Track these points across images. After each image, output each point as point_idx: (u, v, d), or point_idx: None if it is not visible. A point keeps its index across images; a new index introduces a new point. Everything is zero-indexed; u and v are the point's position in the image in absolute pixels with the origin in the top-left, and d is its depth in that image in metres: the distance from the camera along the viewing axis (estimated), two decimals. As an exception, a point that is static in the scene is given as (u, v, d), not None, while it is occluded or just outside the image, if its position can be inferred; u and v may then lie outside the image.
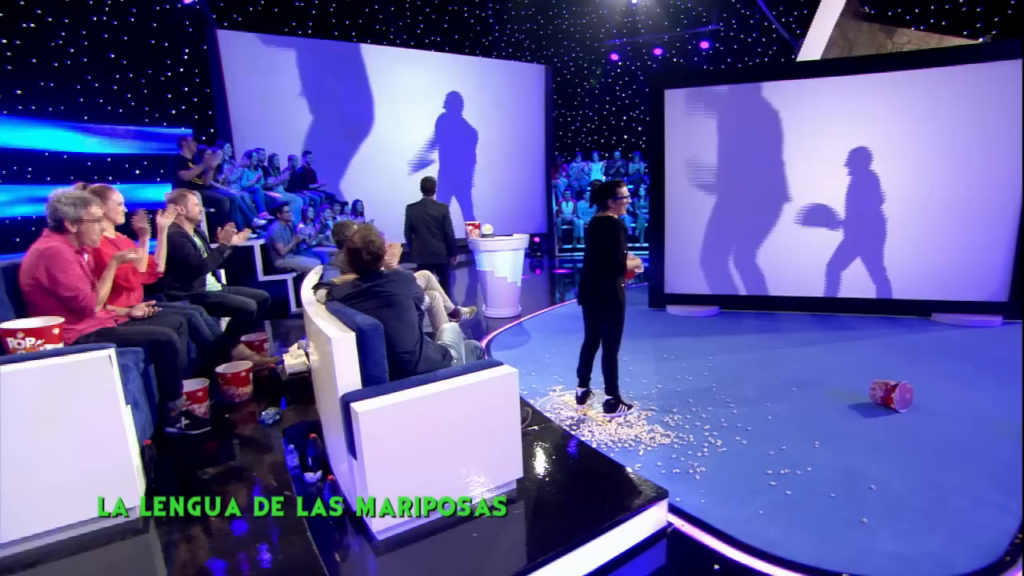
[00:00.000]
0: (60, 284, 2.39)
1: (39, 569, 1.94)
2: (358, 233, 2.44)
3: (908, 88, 5.34)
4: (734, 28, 12.74)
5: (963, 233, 5.34)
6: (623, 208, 3.45)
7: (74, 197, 2.48)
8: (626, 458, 3.07)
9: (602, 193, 3.42)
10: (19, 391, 1.86)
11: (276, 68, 10.03)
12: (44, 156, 8.31)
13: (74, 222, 2.49)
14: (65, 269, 2.38)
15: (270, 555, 1.98)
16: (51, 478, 1.94)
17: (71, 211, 2.47)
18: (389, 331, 2.37)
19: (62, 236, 2.49)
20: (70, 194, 2.49)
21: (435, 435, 2.25)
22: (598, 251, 3.39)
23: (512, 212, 13.37)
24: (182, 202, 3.56)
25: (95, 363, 1.92)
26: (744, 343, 5.10)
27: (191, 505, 2.15)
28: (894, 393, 3.54)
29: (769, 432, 3.34)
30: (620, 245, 3.32)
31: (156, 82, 9.50)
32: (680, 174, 6.17)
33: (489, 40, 13.26)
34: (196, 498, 2.19)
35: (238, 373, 3.14)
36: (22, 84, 8.18)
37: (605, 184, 3.45)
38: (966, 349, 4.73)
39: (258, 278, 6.09)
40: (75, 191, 2.52)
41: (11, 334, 2.14)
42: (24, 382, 1.86)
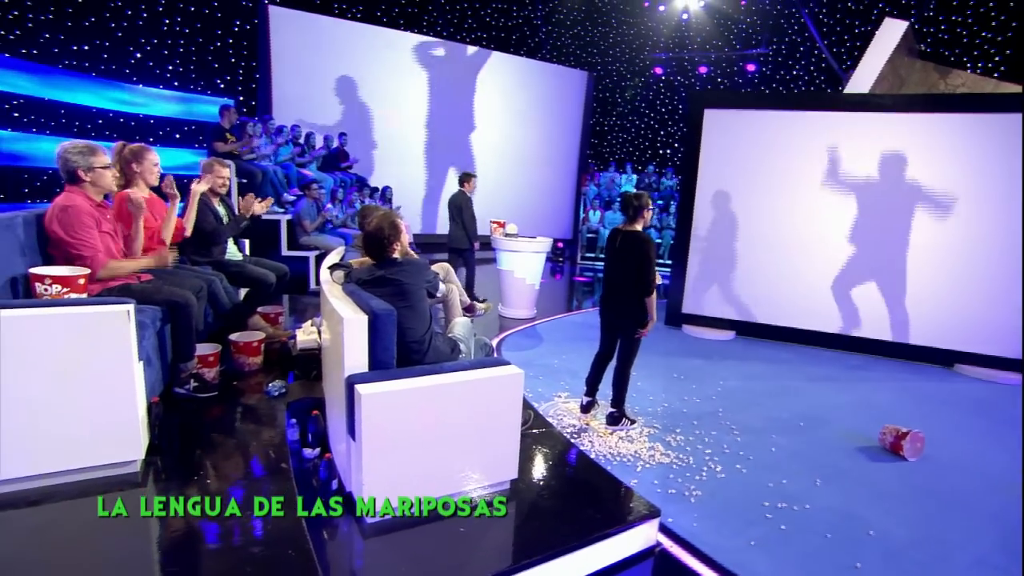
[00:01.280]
0: (72, 242, 2.45)
1: (41, 508, 2.00)
2: (375, 219, 2.47)
3: (950, 132, 5.21)
4: (783, 54, 12.57)
5: (993, 285, 5.19)
6: (648, 220, 3.46)
7: (81, 147, 2.54)
8: (623, 473, 3.05)
9: (636, 203, 3.40)
10: (39, 335, 1.93)
11: (322, 48, 10.18)
12: (91, 112, 8.55)
13: (87, 171, 2.54)
14: (77, 229, 2.45)
15: (260, 524, 2.01)
16: (60, 422, 2.00)
17: (81, 160, 2.52)
18: (400, 319, 2.39)
19: (80, 188, 2.55)
20: (76, 144, 2.54)
21: (435, 426, 2.26)
22: (629, 266, 3.37)
23: (539, 214, 13.39)
24: (212, 170, 3.64)
25: (114, 317, 1.98)
26: (756, 371, 5.03)
27: (187, 468, 2.19)
28: (905, 440, 3.45)
29: (771, 464, 3.29)
30: (653, 264, 3.32)
31: (206, 51, 9.72)
32: (710, 195, 6.10)
33: (535, 41, 13.28)
34: (194, 458, 2.24)
35: (250, 343, 3.20)
36: (79, 41, 8.44)
37: (639, 195, 3.44)
38: (987, 404, 4.59)
39: (282, 252, 6.19)
40: (81, 141, 2.57)
41: (40, 279, 2.21)
42: (45, 327, 1.93)
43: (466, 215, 6.20)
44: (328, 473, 2.40)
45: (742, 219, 6.00)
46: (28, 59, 7.84)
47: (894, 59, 8.79)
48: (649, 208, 3.43)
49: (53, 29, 8.13)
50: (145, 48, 9.16)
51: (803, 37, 12.26)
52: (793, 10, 12.28)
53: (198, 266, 3.46)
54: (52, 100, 8.10)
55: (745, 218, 5.99)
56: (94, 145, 2.56)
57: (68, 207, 2.46)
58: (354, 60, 10.56)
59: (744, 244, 6.02)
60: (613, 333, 3.62)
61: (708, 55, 13.23)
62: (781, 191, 5.83)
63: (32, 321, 1.90)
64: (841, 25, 11.91)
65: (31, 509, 1.97)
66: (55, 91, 8.14)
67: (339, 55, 10.40)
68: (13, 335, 1.88)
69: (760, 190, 5.90)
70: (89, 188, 2.56)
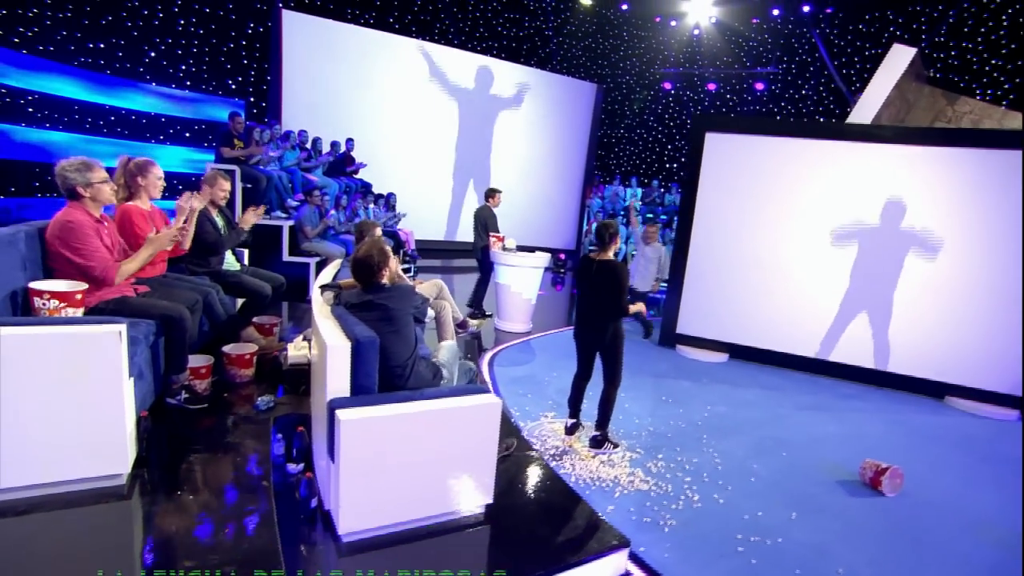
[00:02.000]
0: (78, 256, 2.54)
1: (30, 517, 2.08)
2: (365, 246, 2.54)
3: (948, 165, 5.24)
4: (792, 73, 12.60)
5: (986, 319, 5.21)
6: (619, 246, 3.64)
7: (77, 163, 2.62)
8: (601, 498, 3.11)
9: (608, 232, 3.55)
10: (33, 353, 2.01)
11: (333, 54, 10.30)
12: (103, 109, 8.70)
13: (85, 187, 2.63)
14: (83, 241, 2.53)
15: (234, 540, 2.08)
16: (50, 436, 2.08)
17: (79, 176, 2.61)
18: (384, 344, 2.46)
19: (80, 204, 2.64)
20: (73, 162, 2.63)
21: (412, 451, 2.33)
22: (603, 292, 3.47)
23: (543, 224, 13.46)
24: (214, 182, 3.73)
25: (106, 337, 2.06)
26: (746, 397, 5.07)
27: (172, 482, 2.27)
28: (884, 476, 3.49)
29: (749, 494, 3.33)
30: (626, 291, 3.45)
31: (219, 52, 9.87)
32: (708, 217, 6.15)
33: (545, 52, 13.36)
34: (179, 472, 2.31)
35: (243, 355, 3.28)
36: (95, 40, 8.59)
37: (610, 224, 3.60)
38: (973, 440, 4.61)
39: (283, 257, 6.28)
40: (77, 158, 2.65)
41: (38, 294, 2.30)
42: (39, 345, 2.01)
43: (489, 228, 6.52)
44: (308, 492, 2.46)
45: (739, 242, 6.04)
46: (45, 56, 7.99)
47: (902, 84, 8.81)
48: (619, 236, 3.63)
49: (70, 27, 8.29)
50: (160, 48, 9.32)
51: (813, 57, 12.29)
52: (804, 30, 12.32)
53: (196, 276, 3.55)
54: (66, 97, 8.25)
55: (742, 242, 6.03)
56: (90, 161, 2.65)
57: (68, 222, 2.55)
58: (364, 66, 10.68)
59: (740, 267, 6.06)
60: (590, 354, 3.71)
61: (717, 72, 13.28)
62: (779, 217, 5.87)
63: (26, 340, 1.98)
64: (852, 47, 11.94)
65: (19, 518, 2.05)
66: (70, 88, 8.30)
67: (349, 60, 10.52)
68: (7, 352, 1.96)
69: (758, 215, 5.94)
70: (89, 203, 2.65)
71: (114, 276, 2.61)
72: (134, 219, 3.04)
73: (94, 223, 2.65)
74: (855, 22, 11.94)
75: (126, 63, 8.96)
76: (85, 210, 2.64)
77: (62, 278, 2.57)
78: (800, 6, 11.97)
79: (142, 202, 3.18)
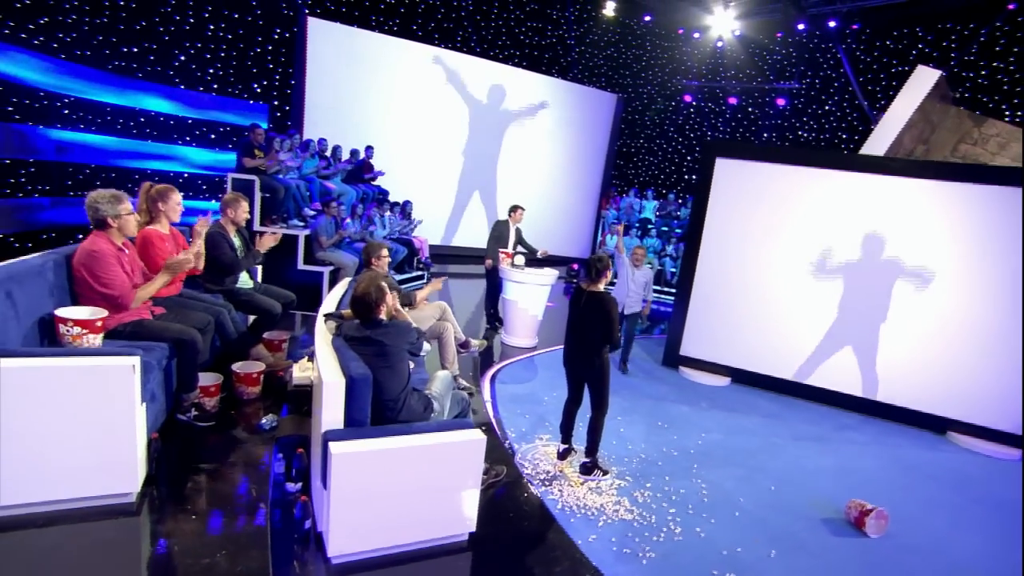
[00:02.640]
0: (99, 283, 2.75)
1: (49, 529, 2.28)
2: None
3: (959, 200, 5.20)
4: (816, 88, 12.47)
5: (990, 355, 5.17)
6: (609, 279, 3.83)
7: (108, 196, 2.85)
8: (584, 527, 3.21)
9: (599, 266, 3.66)
10: (53, 382, 2.20)
11: (355, 61, 10.51)
12: (133, 111, 9.03)
13: (114, 218, 2.85)
14: (106, 270, 2.74)
15: (230, 559, 2.24)
16: (67, 456, 2.28)
17: (110, 208, 2.83)
18: (378, 378, 2.61)
19: (105, 233, 2.85)
20: (103, 194, 2.85)
21: (400, 482, 2.48)
22: (592, 323, 3.58)
23: (558, 233, 13.53)
24: (234, 206, 3.92)
25: (121, 370, 2.24)
26: (743, 424, 5.11)
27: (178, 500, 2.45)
28: (868, 516, 3.53)
29: (730, 528, 3.41)
30: (616, 322, 3.56)
31: (246, 57, 10.14)
32: (715, 240, 6.20)
33: (566, 61, 13.42)
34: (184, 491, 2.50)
35: (251, 374, 3.46)
36: (128, 44, 8.91)
37: (601, 258, 3.73)
38: (968, 479, 4.60)
39: (298, 265, 6.48)
40: (108, 191, 2.87)
41: (63, 321, 2.49)
42: (59, 376, 2.20)
43: (501, 243, 6.79)
44: (303, 513, 2.63)
45: (745, 267, 6.08)
46: (80, 61, 8.32)
47: (925, 106, 8.68)
48: (610, 269, 3.75)
49: (105, 33, 8.61)
50: (189, 52, 9.62)
51: (837, 73, 12.15)
52: (828, 44, 12.19)
53: (210, 294, 3.74)
54: (98, 100, 8.59)
55: (748, 267, 6.07)
56: (120, 194, 2.85)
57: (94, 251, 2.75)
58: (385, 73, 10.87)
59: (746, 292, 6.09)
60: (579, 382, 3.82)
61: (739, 85, 13.20)
62: (785, 244, 5.90)
63: (49, 371, 2.18)
64: (878, 63, 11.78)
65: (40, 530, 2.25)
66: (102, 92, 8.63)
67: (371, 68, 10.72)
68: (31, 381, 2.16)
69: (765, 241, 5.97)
70: (114, 233, 2.86)
71: (130, 302, 2.81)
72: (154, 242, 3.24)
73: (116, 251, 2.85)
74: (882, 38, 11.78)
75: (156, 67, 9.28)
76: (109, 239, 2.84)
77: (85, 301, 2.77)
78: (826, 21, 11.84)
79: (162, 226, 3.38)
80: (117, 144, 8.82)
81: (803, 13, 11.58)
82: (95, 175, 8.51)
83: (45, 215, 7.86)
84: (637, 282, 5.98)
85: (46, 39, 7.89)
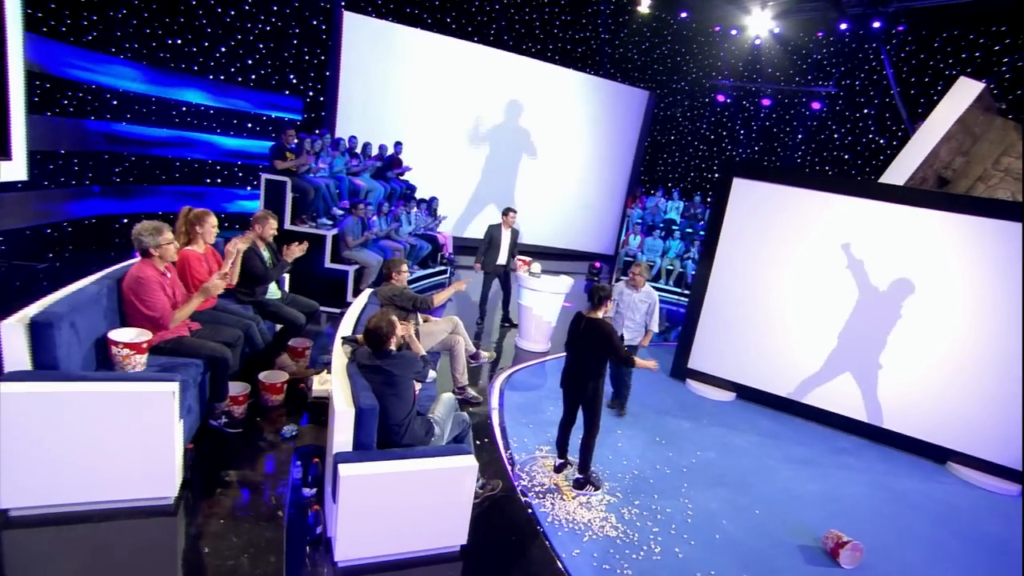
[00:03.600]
0: (144, 306, 3.14)
1: (101, 524, 2.70)
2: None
3: (979, 234, 5.19)
4: (856, 90, 12.15)
5: (996, 387, 5.20)
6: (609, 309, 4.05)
7: (150, 228, 3.23)
8: (570, 541, 3.49)
9: (601, 294, 3.88)
10: (107, 402, 2.58)
11: (388, 55, 10.73)
12: (171, 102, 9.49)
13: (155, 248, 3.23)
14: (150, 294, 3.13)
15: (252, 559, 2.62)
16: (116, 464, 2.68)
17: (151, 240, 3.23)
18: (385, 404, 2.92)
19: (150, 261, 3.25)
20: (145, 226, 3.24)
21: (400, 500, 2.80)
22: (591, 349, 3.82)
23: (583, 228, 13.69)
24: (263, 222, 4.27)
25: (163, 395, 2.61)
26: (739, 443, 5.28)
27: (209, 502, 2.84)
28: (844, 549, 3.72)
29: (708, 551, 3.63)
30: (618, 345, 3.81)
31: (283, 49, 10.46)
32: (729, 257, 6.30)
33: (599, 57, 13.36)
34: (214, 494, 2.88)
35: (275, 383, 3.84)
36: (173, 37, 9.33)
37: (604, 287, 3.93)
38: (954, 512, 4.68)
39: (325, 264, 6.84)
40: (150, 223, 3.25)
41: (115, 344, 2.87)
42: (111, 399, 2.59)
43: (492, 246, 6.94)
44: (315, 520, 2.98)
45: (755, 286, 6.18)
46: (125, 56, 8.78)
47: (966, 117, 8.46)
48: (611, 299, 3.97)
49: (148, 27, 9.03)
50: (229, 43, 9.99)
51: (875, 78, 11.82)
52: (870, 44, 11.81)
53: (241, 304, 4.11)
54: (140, 92, 9.07)
55: (758, 285, 6.16)
56: (160, 226, 3.23)
57: (140, 278, 3.13)
58: (416, 68, 11.07)
59: (755, 309, 6.20)
60: (575, 404, 4.07)
61: (774, 86, 12.95)
62: (796, 265, 5.97)
63: (103, 395, 2.56)
64: (923, 67, 11.39)
65: (95, 524, 2.66)
66: (144, 84, 9.10)
67: (402, 62, 10.93)
68: (89, 402, 2.54)
69: (775, 261, 6.05)
70: (157, 260, 3.24)
71: (170, 322, 3.19)
72: (192, 263, 3.61)
73: (159, 277, 3.22)
74: (928, 42, 11.38)
75: (199, 58, 9.68)
76: (153, 266, 3.21)
77: (132, 321, 3.16)
78: (871, 21, 11.48)
79: (199, 246, 3.74)
80: (158, 134, 9.33)
81: (843, 14, 11.26)
82: (137, 164, 9.08)
83: (93, 203, 8.43)
84: (635, 307, 5.17)
85: (104, 39, 8.36)
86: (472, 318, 7.43)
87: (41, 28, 7.30)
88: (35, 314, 2.59)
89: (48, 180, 7.37)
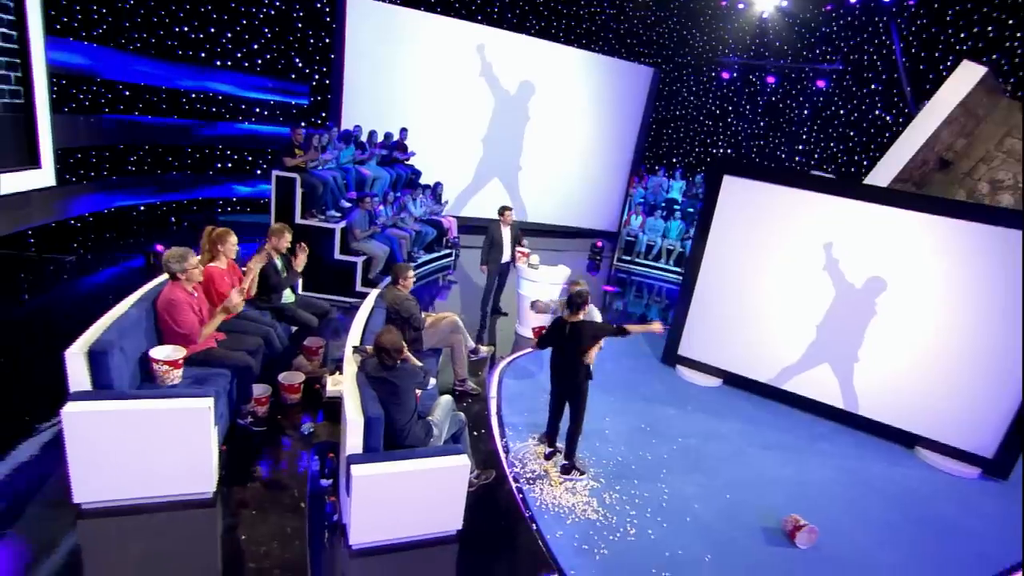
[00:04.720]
0: (175, 324, 3.59)
1: (155, 515, 3.21)
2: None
3: (959, 236, 5.41)
4: (864, 65, 12.05)
5: (964, 378, 5.53)
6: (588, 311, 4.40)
7: (177, 255, 3.64)
8: (555, 523, 3.95)
9: (579, 300, 4.22)
10: (155, 415, 3.04)
11: (391, 39, 10.80)
12: (180, 90, 9.75)
13: (182, 272, 3.64)
14: (180, 314, 3.58)
15: (281, 545, 3.12)
16: (164, 466, 3.18)
17: (178, 265, 3.65)
18: (390, 411, 3.36)
19: (179, 284, 3.68)
20: (172, 253, 3.64)
21: (404, 493, 3.28)
22: (572, 352, 4.21)
23: (586, 206, 13.89)
24: (278, 235, 4.65)
25: (200, 411, 3.07)
26: (720, 430, 5.67)
27: (241, 493, 3.34)
28: (800, 531, 4.17)
29: (678, 532, 4.08)
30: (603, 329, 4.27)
31: (289, 33, 10.59)
32: (717, 249, 6.57)
33: (603, 34, 13.27)
34: (246, 488, 3.38)
35: (293, 384, 4.30)
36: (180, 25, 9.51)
37: (582, 292, 4.26)
38: (912, 495, 5.01)
39: (334, 255, 7.23)
40: (178, 249, 3.65)
41: (156, 361, 3.31)
42: (158, 413, 3.05)
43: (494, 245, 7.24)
44: (332, 509, 3.47)
45: (743, 277, 6.48)
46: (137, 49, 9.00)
47: (969, 100, 8.49)
48: (588, 303, 4.32)
49: (160, 16, 9.22)
50: (235, 28, 10.14)
51: (881, 55, 11.71)
52: (879, 19, 11.65)
53: (260, 311, 4.54)
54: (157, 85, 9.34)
55: (745, 277, 6.47)
56: (185, 252, 3.64)
57: (172, 300, 3.56)
58: (419, 49, 11.13)
59: (740, 300, 6.51)
60: (562, 400, 4.50)
61: (779, 63, 12.85)
62: (781, 259, 6.25)
63: (151, 411, 3.02)
64: (932, 42, 11.26)
65: (147, 515, 3.16)
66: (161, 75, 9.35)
67: (406, 46, 11.01)
68: (139, 416, 3.01)
69: (761, 254, 6.33)
70: (184, 283, 3.65)
71: (197, 338, 3.65)
72: (216, 279, 4.04)
73: (188, 297, 3.65)
74: (939, 18, 11.21)
75: (206, 44, 9.88)
76: (183, 288, 3.63)
77: (167, 338, 3.63)
78: (880, -6, 11.31)
79: (221, 263, 4.15)
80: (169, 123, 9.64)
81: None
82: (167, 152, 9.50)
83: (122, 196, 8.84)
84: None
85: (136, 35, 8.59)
86: (474, 314, 7.75)
87: (55, 26, 7.56)
88: (92, 343, 3.06)
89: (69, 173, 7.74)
